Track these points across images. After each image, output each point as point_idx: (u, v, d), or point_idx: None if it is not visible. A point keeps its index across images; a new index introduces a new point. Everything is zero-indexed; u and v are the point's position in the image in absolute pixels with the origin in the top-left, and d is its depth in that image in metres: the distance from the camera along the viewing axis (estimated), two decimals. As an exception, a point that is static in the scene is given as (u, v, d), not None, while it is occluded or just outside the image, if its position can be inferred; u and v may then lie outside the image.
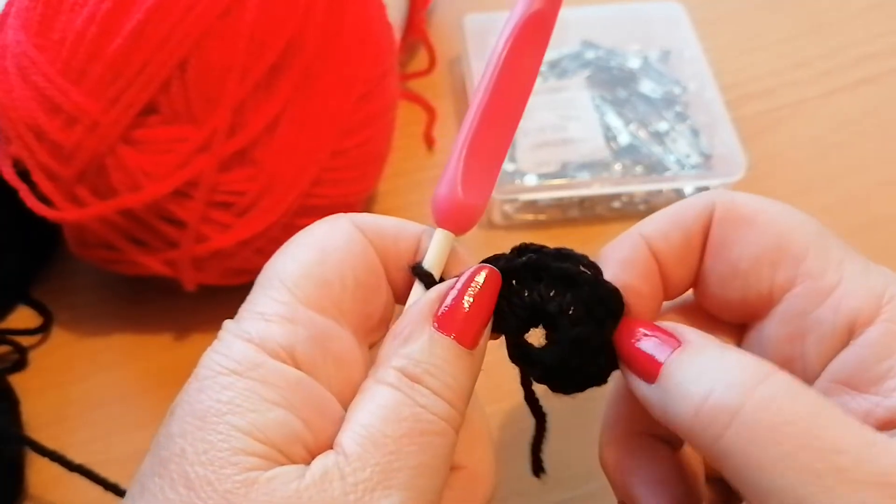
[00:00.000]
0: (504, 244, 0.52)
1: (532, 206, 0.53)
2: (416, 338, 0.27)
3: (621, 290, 0.30)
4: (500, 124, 0.32)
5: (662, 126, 0.57)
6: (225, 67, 0.41)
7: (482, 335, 0.28)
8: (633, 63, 0.60)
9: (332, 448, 0.26)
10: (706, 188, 0.54)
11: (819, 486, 0.23)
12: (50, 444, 0.40)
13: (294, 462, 0.25)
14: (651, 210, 0.54)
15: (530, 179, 0.54)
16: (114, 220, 0.42)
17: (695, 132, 0.57)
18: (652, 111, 0.58)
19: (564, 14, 0.63)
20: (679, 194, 0.54)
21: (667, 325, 0.29)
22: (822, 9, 0.67)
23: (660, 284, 0.32)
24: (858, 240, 0.29)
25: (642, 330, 0.29)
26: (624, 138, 0.56)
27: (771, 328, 0.30)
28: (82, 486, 0.39)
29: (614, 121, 0.57)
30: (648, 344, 0.28)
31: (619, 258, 0.31)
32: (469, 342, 0.28)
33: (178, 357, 0.48)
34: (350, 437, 0.25)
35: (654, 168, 0.54)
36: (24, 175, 0.43)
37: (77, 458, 0.39)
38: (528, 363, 0.31)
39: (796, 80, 0.62)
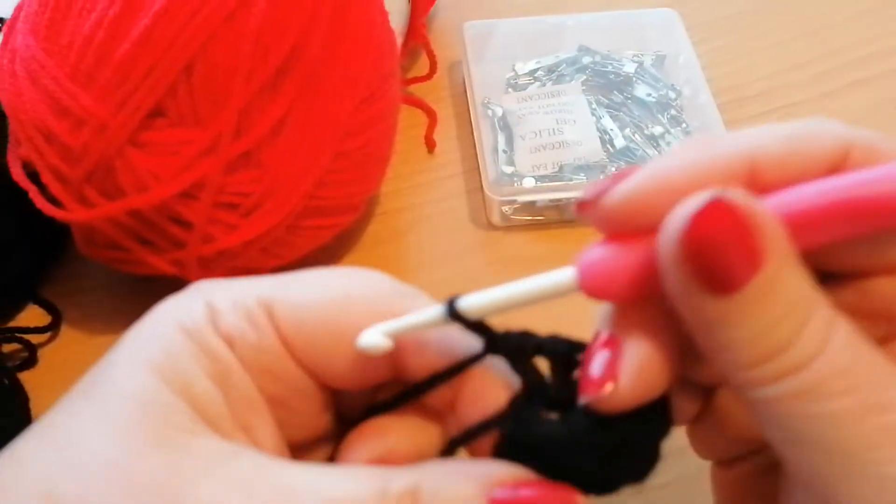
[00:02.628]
0: (503, 244, 0.54)
1: (530, 207, 0.54)
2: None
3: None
4: None
5: (657, 129, 0.58)
6: (230, 71, 0.41)
7: None
8: (629, 68, 0.61)
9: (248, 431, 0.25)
10: (701, 190, 0.55)
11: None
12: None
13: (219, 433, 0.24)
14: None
15: (528, 181, 0.55)
16: (122, 220, 0.43)
17: (689, 135, 0.57)
18: (647, 115, 0.59)
19: (561, 20, 0.65)
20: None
21: (753, 214, 0.22)
22: (815, 13, 0.68)
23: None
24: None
25: (724, 234, 0.22)
26: (619, 141, 0.57)
27: None
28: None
29: (610, 124, 0.58)
30: (728, 253, 0.22)
31: (704, 167, 0.24)
32: None
33: (184, 355, 0.48)
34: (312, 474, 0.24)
35: (650, 170, 0.55)
36: (33, 176, 0.44)
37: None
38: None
39: (789, 83, 0.63)
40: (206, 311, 0.25)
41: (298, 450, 0.28)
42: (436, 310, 0.26)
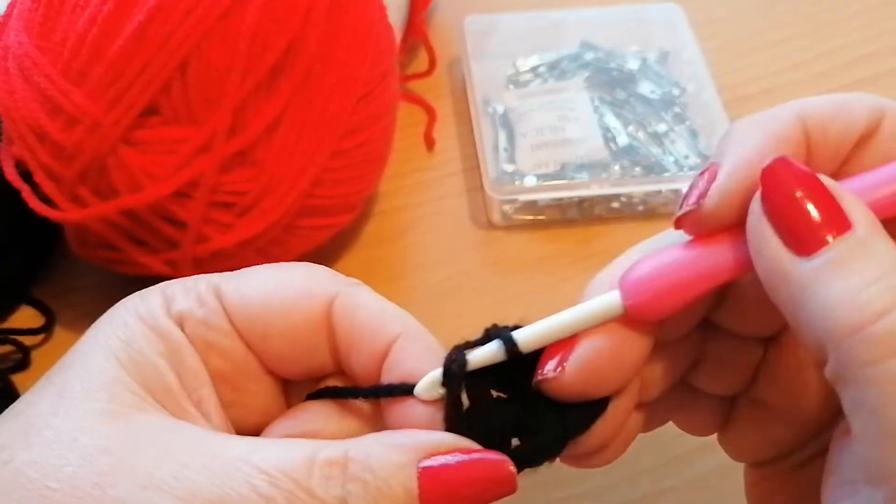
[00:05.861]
0: (503, 244, 0.53)
1: (531, 206, 0.54)
2: (383, 458, 0.25)
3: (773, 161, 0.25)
4: None
5: (661, 127, 0.57)
6: (225, 68, 0.41)
7: None
8: (632, 64, 0.61)
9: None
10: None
11: None
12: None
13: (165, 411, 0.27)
14: (650, 211, 0.54)
15: (530, 180, 0.54)
16: (115, 220, 0.43)
17: (693, 133, 0.57)
18: (650, 112, 0.58)
19: (563, 15, 0.64)
20: (677, 195, 0.54)
21: (832, 187, 0.24)
22: (820, 10, 0.67)
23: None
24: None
25: (802, 191, 0.23)
26: (623, 139, 0.56)
27: None
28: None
29: (613, 122, 0.57)
30: (810, 209, 0.23)
31: (770, 132, 0.26)
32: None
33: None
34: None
35: (653, 169, 0.55)
36: (26, 176, 0.44)
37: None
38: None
39: (794, 80, 0.62)
40: (161, 300, 0.28)
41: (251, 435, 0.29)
42: (494, 345, 0.27)
